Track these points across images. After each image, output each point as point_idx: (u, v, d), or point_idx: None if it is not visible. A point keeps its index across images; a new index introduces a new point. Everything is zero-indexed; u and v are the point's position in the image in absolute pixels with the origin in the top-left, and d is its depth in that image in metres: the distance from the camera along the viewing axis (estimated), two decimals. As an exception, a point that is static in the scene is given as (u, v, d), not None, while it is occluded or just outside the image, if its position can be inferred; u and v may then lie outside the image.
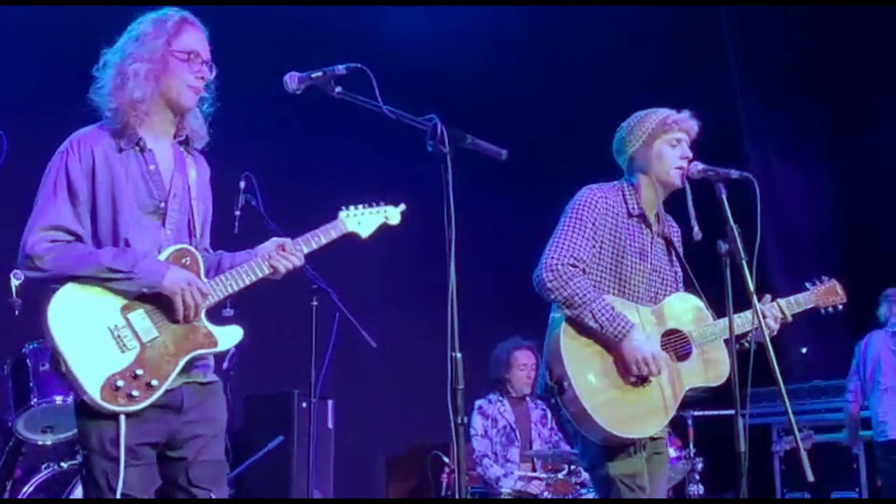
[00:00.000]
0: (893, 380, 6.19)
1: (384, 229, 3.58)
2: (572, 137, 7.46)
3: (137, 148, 3.14)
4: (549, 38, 8.28)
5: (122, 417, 2.92)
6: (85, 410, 2.98)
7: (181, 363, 3.03)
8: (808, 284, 4.19)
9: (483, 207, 8.33)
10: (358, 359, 6.54)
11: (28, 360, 5.04)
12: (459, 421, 2.77)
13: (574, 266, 3.73)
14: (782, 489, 7.56)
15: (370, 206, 3.53)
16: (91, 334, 2.95)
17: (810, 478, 3.48)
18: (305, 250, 3.32)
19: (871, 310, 7.94)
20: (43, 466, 5.23)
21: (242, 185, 5.38)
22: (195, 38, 3.20)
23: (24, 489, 5.28)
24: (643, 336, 3.73)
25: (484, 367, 6.71)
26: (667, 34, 8.33)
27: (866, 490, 7.16)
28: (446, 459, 6.37)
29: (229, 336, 3.18)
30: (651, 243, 3.95)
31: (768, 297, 3.95)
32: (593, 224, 3.81)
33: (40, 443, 5.19)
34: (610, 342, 3.70)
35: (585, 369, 3.68)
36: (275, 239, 3.32)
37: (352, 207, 3.49)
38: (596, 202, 3.85)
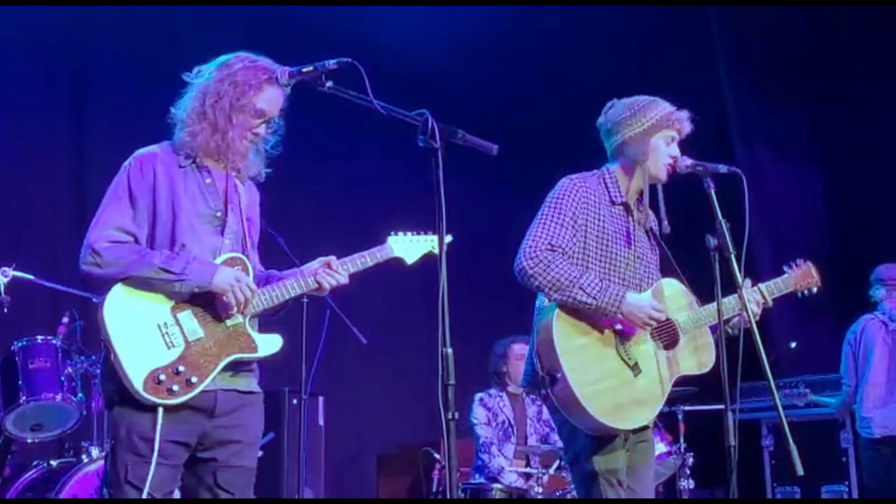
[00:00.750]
0: (881, 375, 6.18)
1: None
2: (564, 132, 7.46)
3: (194, 165, 3.31)
4: (539, 36, 8.27)
5: (161, 410, 3.03)
6: (122, 401, 3.09)
7: (221, 364, 3.16)
8: (785, 268, 4.21)
9: (475, 203, 8.35)
10: (349, 356, 6.54)
11: (17, 358, 5.04)
12: (450, 417, 2.77)
13: (552, 250, 3.69)
14: (772, 484, 7.58)
15: (418, 233, 3.67)
16: (141, 329, 3.09)
17: (800, 471, 3.49)
18: (351, 270, 3.44)
19: (859, 304, 7.97)
20: (32, 464, 5.23)
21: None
22: (273, 97, 3.33)
23: (14, 487, 5.28)
24: (637, 296, 3.74)
25: (478, 364, 6.72)
26: (657, 31, 8.33)
27: (856, 485, 7.18)
28: (437, 456, 6.36)
29: (270, 344, 3.29)
30: (633, 231, 3.93)
31: (749, 281, 3.95)
32: (573, 213, 3.77)
33: (29, 441, 5.19)
34: (608, 313, 3.67)
35: (578, 358, 3.66)
36: (322, 258, 3.42)
37: (401, 234, 3.63)
38: (575, 191, 3.81)
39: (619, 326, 3.73)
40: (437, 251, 3.60)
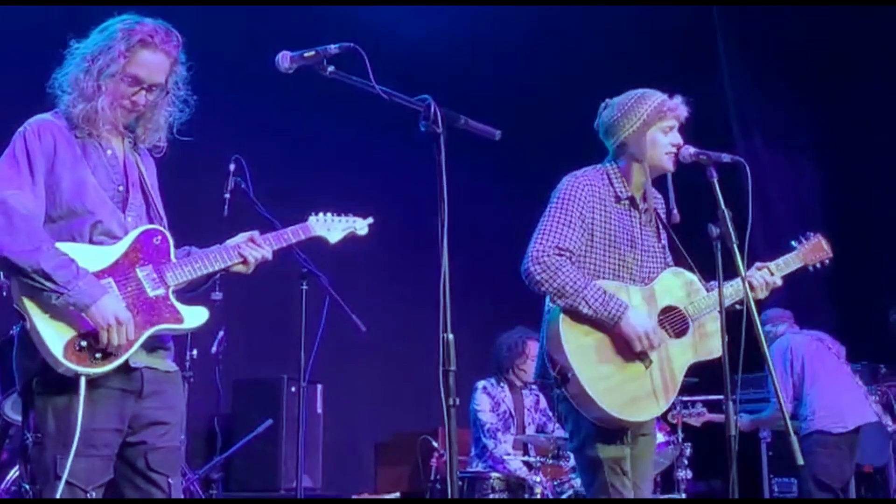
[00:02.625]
0: (825, 381, 6.31)
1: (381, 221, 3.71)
2: (565, 122, 7.44)
3: (89, 136, 3.17)
4: (541, 27, 8.26)
5: (83, 380, 2.90)
6: (46, 387, 2.95)
7: (145, 335, 3.03)
8: (793, 243, 4.19)
9: (476, 191, 8.33)
10: (347, 343, 6.52)
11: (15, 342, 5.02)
12: (451, 403, 2.76)
13: (560, 255, 3.70)
14: (769, 474, 7.59)
15: (340, 214, 3.65)
16: None
17: (800, 461, 3.49)
18: (275, 246, 3.38)
19: (856, 292, 7.99)
20: (30, 449, 5.20)
21: (232, 167, 5.36)
22: (150, 63, 3.17)
23: (10, 473, 5.27)
24: (639, 313, 3.73)
25: (476, 353, 6.71)
26: (659, 23, 8.32)
27: (853, 477, 7.19)
28: (435, 444, 6.36)
29: (195, 316, 3.17)
30: (640, 225, 3.94)
31: (756, 264, 3.95)
32: (580, 212, 3.78)
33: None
34: (607, 326, 3.69)
35: (587, 358, 3.67)
36: (245, 233, 3.35)
37: (321, 214, 3.60)
38: (581, 189, 3.82)
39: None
40: (359, 231, 3.68)
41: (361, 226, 3.70)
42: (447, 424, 2.74)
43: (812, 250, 4.18)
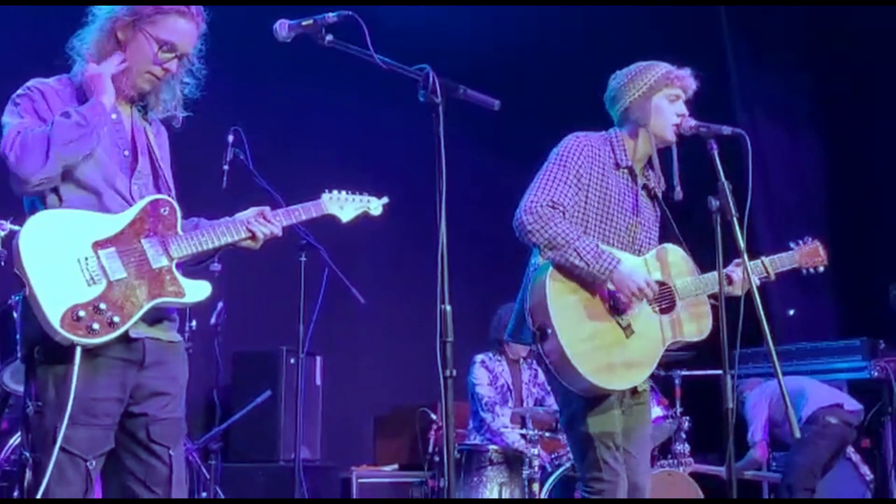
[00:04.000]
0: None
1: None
2: (565, 94, 7.43)
3: None
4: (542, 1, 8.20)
5: (78, 351, 2.87)
6: (47, 357, 2.93)
7: (146, 307, 2.99)
8: (791, 244, 4.22)
9: (476, 162, 8.31)
10: (346, 315, 6.54)
11: (14, 312, 4.99)
12: (448, 374, 2.77)
13: (553, 208, 3.69)
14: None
15: (355, 193, 3.59)
16: (59, 262, 2.91)
17: (797, 434, 3.50)
18: (285, 222, 3.32)
19: (856, 267, 7.98)
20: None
21: (231, 138, 5.36)
22: (181, 29, 3.16)
23: (10, 441, 5.29)
24: (633, 265, 3.73)
25: (475, 325, 6.72)
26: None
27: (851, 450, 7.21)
28: (434, 417, 6.38)
29: (197, 290, 3.12)
30: (636, 196, 3.93)
31: (738, 261, 3.96)
32: (577, 171, 3.77)
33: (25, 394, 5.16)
34: (598, 280, 3.67)
35: (570, 316, 3.65)
36: (255, 208, 3.30)
37: (335, 191, 3.53)
38: (581, 150, 3.81)
39: (611, 287, 3.72)
40: (372, 211, 3.61)
41: (375, 206, 3.63)
42: (444, 396, 2.75)
43: (809, 254, 4.23)
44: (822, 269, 4.29)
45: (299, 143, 7.64)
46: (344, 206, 3.53)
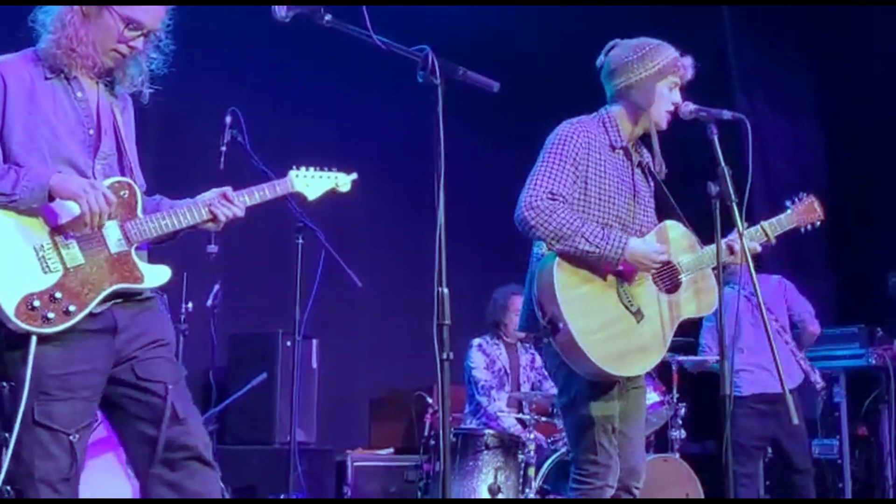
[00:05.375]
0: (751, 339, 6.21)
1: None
2: (562, 76, 7.38)
3: (63, 77, 3.09)
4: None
5: (34, 339, 2.85)
6: (9, 338, 2.89)
7: (103, 294, 2.97)
8: (787, 203, 4.19)
9: (474, 144, 8.28)
10: (343, 298, 6.52)
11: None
12: (445, 357, 2.75)
13: (553, 199, 3.66)
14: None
15: (322, 169, 3.49)
16: (15, 251, 2.89)
17: (795, 420, 3.50)
18: (248, 202, 3.25)
19: (855, 255, 7.97)
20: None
21: (228, 120, 5.33)
22: (153, 9, 3.10)
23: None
24: (641, 240, 3.74)
25: (472, 309, 6.71)
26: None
27: (847, 438, 7.21)
28: (430, 400, 6.38)
29: (157, 275, 3.10)
30: (633, 175, 3.91)
31: (735, 231, 3.95)
32: (574, 159, 3.73)
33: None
34: (612, 261, 3.65)
35: (580, 308, 3.64)
36: (217, 189, 3.24)
37: (303, 168, 3.44)
38: (576, 136, 3.77)
39: (619, 267, 3.71)
40: (340, 188, 3.50)
41: (344, 181, 3.52)
42: (440, 379, 2.73)
43: (805, 211, 4.20)
44: (818, 224, 4.24)
45: (297, 124, 7.60)
46: (310, 183, 3.43)
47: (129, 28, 3.07)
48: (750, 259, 3.65)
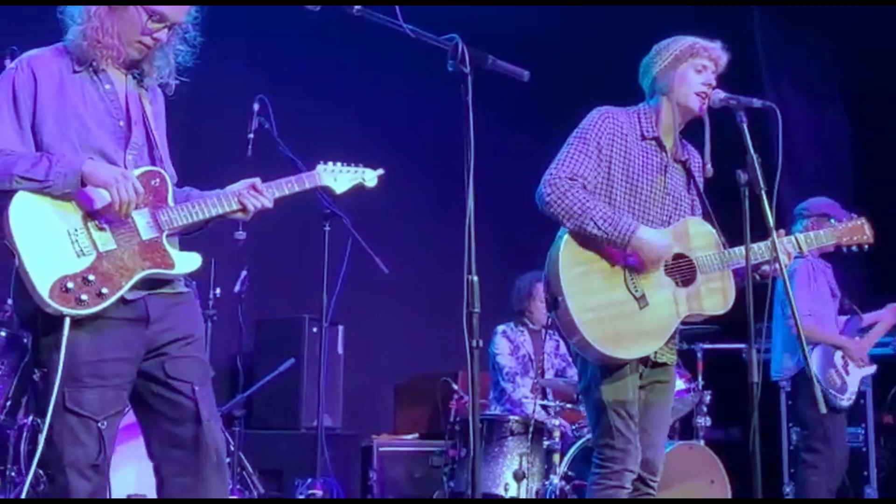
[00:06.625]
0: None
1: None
2: (589, 67, 7.39)
3: (91, 70, 3.13)
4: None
5: (67, 323, 2.88)
6: (46, 327, 2.94)
7: (135, 278, 3.00)
8: (832, 220, 4.12)
9: (498, 134, 8.27)
10: (367, 285, 6.54)
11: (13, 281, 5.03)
12: (475, 344, 2.77)
13: (572, 180, 3.72)
14: (787, 424, 7.59)
15: (350, 165, 3.55)
16: (49, 234, 2.93)
17: (823, 410, 3.50)
18: (277, 194, 3.29)
19: (883, 246, 7.90)
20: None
21: (256, 107, 5.37)
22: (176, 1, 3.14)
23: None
24: (652, 230, 3.74)
25: (496, 297, 6.72)
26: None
27: (872, 427, 7.19)
28: (455, 386, 6.40)
29: (187, 261, 3.14)
30: (666, 166, 3.92)
31: (782, 231, 3.92)
32: (598, 144, 3.79)
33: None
34: (616, 246, 3.68)
35: (581, 286, 3.68)
36: (247, 180, 3.28)
37: (330, 163, 3.49)
38: (603, 122, 3.83)
39: (629, 255, 3.73)
40: (367, 183, 3.55)
41: (370, 177, 3.58)
42: (470, 366, 2.75)
43: (851, 231, 4.11)
44: (866, 248, 4.14)
45: (324, 112, 7.62)
46: (338, 177, 3.50)
47: (152, 20, 3.10)
48: (783, 256, 3.65)
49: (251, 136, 5.32)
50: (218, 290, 5.76)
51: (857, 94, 8.91)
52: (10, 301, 5.26)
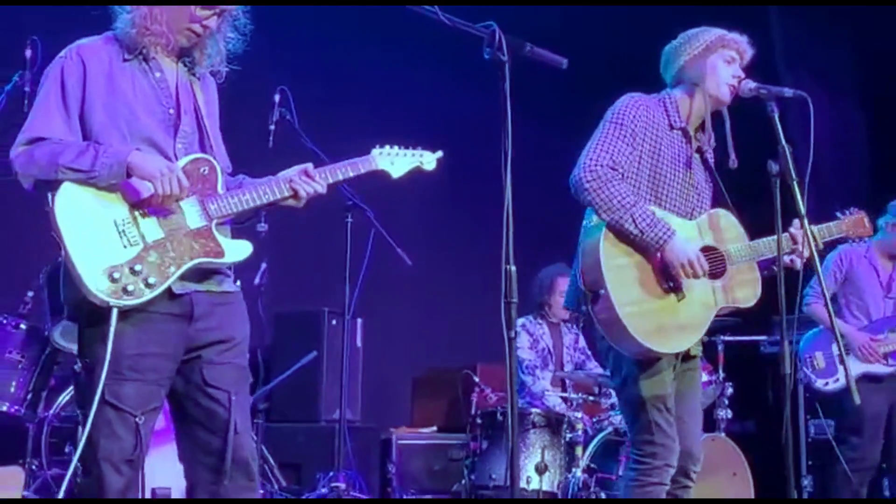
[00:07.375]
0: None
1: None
2: (616, 57, 7.34)
3: (141, 58, 3.10)
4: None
5: (114, 314, 2.86)
6: (91, 319, 2.93)
7: (184, 267, 2.96)
8: (837, 214, 4.20)
9: (523, 126, 8.23)
10: (388, 278, 6.53)
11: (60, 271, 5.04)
12: (513, 335, 2.76)
13: (613, 169, 3.66)
14: (805, 416, 7.56)
15: (406, 148, 3.44)
16: (96, 225, 2.91)
17: (857, 401, 3.48)
18: (330, 180, 3.22)
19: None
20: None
21: (277, 98, 5.36)
22: None
23: (59, 398, 5.34)
24: (685, 240, 3.70)
25: (522, 289, 6.70)
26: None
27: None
28: (476, 379, 6.39)
29: (237, 250, 3.09)
30: (690, 158, 3.90)
31: (797, 222, 3.92)
32: (632, 132, 3.75)
33: (76, 352, 5.20)
34: (651, 249, 3.65)
35: (622, 277, 3.63)
36: (299, 166, 3.22)
37: (387, 147, 3.39)
38: (637, 110, 3.79)
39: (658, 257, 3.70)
40: (425, 166, 3.45)
41: (429, 160, 3.47)
42: (508, 356, 2.74)
43: (854, 224, 4.21)
44: (866, 239, 4.38)
45: (346, 103, 7.60)
46: (395, 161, 3.38)
47: (201, 7, 3.08)
48: (813, 245, 3.63)
49: (272, 127, 5.30)
50: (238, 283, 5.72)
51: (874, 90, 8.89)
52: (30, 294, 5.36)
